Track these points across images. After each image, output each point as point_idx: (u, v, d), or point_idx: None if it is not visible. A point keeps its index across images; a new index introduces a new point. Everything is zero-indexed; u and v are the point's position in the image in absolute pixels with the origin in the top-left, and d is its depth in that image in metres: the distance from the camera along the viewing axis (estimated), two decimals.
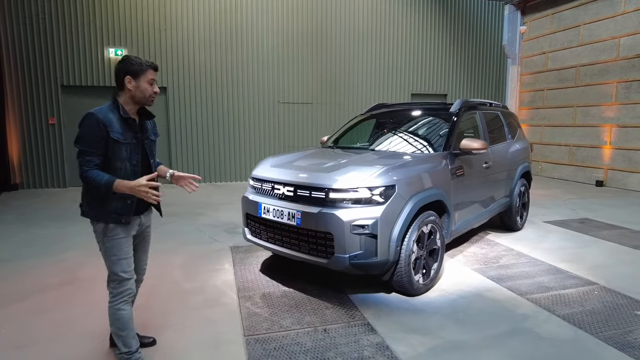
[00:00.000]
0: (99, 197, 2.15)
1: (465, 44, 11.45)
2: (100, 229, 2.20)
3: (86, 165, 2.08)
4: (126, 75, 2.16)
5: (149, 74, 2.21)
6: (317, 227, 3.11)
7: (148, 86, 2.21)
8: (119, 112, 2.17)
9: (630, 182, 8.74)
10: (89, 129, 2.10)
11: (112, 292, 2.26)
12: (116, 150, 2.15)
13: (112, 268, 2.23)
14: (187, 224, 5.87)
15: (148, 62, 2.23)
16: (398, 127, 4.57)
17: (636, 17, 8.57)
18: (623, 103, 8.87)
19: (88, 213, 2.23)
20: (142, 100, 2.23)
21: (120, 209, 2.19)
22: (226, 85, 9.52)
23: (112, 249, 2.21)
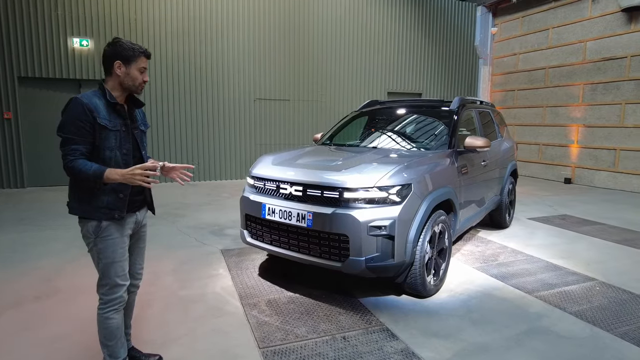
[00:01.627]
0: (88, 190, 1.97)
1: (439, 44, 11.61)
2: (92, 228, 2.00)
3: (71, 154, 1.89)
4: (116, 60, 2.01)
5: (141, 61, 2.07)
6: (331, 228, 2.95)
7: (138, 74, 2.07)
8: (105, 98, 2.01)
9: (596, 180, 9.18)
10: (74, 114, 1.91)
11: (103, 299, 2.07)
12: (104, 138, 1.97)
13: (105, 272, 2.04)
14: (168, 226, 5.52)
15: (141, 48, 2.08)
16: (398, 124, 4.48)
17: (601, 22, 9.00)
18: (589, 104, 9.29)
19: (77, 209, 2.02)
20: (131, 88, 2.08)
21: (113, 204, 2.00)
22: (200, 80, 9.11)
23: (106, 250, 2.02)
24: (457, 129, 4.01)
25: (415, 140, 4.12)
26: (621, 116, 8.63)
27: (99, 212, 1.98)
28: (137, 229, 2.21)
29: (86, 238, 2.04)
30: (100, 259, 2.03)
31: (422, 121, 4.40)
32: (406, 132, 4.30)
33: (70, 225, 5.40)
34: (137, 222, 2.19)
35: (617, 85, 8.68)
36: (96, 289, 2.10)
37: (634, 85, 8.39)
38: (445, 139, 3.93)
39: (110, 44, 2.03)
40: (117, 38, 2.06)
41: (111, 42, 2.04)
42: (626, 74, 8.53)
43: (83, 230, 2.04)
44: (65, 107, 1.95)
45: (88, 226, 2.01)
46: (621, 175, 8.68)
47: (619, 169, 8.71)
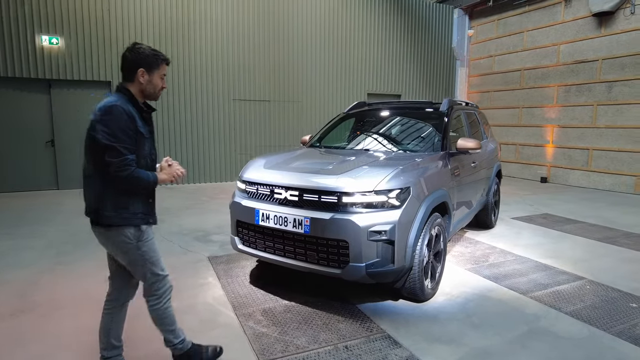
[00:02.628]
0: (124, 198, 2.01)
1: (417, 46, 11.71)
2: (132, 233, 2.04)
3: (131, 164, 1.92)
4: (140, 67, 2.03)
5: (162, 68, 2.11)
6: (330, 234, 2.86)
7: (160, 81, 2.12)
8: (135, 105, 2.04)
9: (571, 178, 9.47)
10: (122, 124, 1.91)
11: (157, 294, 2.18)
12: (141, 145, 2.02)
13: (153, 270, 2.13)
14: None
15: (163, 55, 2.12)
16: (389, 126, 4.44)
17: (574, 26, 9.29)
18: (563, 105, 9.58)
19: (114, 218, 2.00)
20: (152, 95, 2.12)
21: (146, 209, 2.10)
22: (177, 80, 8.83)
23: (149, 252, 2.11)
24: (448, 131, 4.00)
25: (407, 143, 4.08)
26: (593, 117, 8.94)
27: (137, 218, 2.04)
28: None
29: (125, 244, 2.05)
30: (146, 260, 2.10)
31: (413, 123, 4.37)
32: (398, 134, 4.26)
33: (40, 233, 5.10)
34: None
35: (589, 87, 8.98)
36: (145, 291, 2.18)
37: (605, 88, 8.70)
38: (438, 141, 3.91)
39: (131, 49, 2.02)
40: (137, 43, 2.05)
41: (132, 47, 2.03)
42: (597, 77, 8.83)
43: (119, 237, 2.03)
44: (109, 116, 1.90)
45: (126, 232, 2.03)
46: (594, 174, 8.98)
47: (591, 168, 9.01)
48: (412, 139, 4.12)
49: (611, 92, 8.60)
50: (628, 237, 5.21)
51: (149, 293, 2.18)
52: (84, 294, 3.40)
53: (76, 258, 4.26)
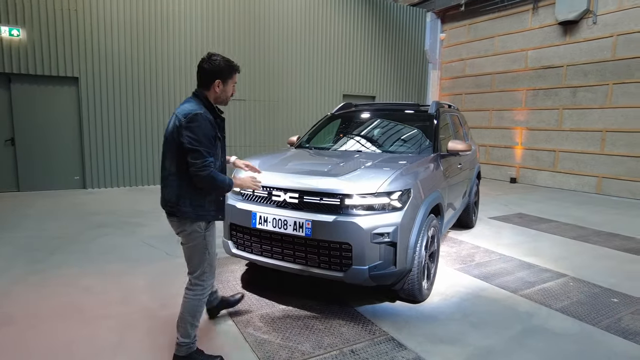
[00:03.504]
0: (202, 197, 2.25)
1: (392, 48, 11.87)
2: (203, 226, 2.30)
3: (211, 166, 2.14)
4: (217, 78, 2.23)
5: (235, 77, 2.33)
6: (333, 237, 2.82)
7: (231, 89, 2.33)
8: (213, 112, 2.24)
9: (539, 179, 9.90)
10: (206, 130, 2.14)
11: (202, 285, 2.37)
12: (218, 149, 2.26)
13: (210, 261, 2.38)
14: (126, 236, 5.05)
15: (235, 64, 2.32)
16: (379, 128, 4.45)
17: (541, 33, 9.71)
18: (531, 108, 10.00)
19: (191, 214, 2.25)
20: (223, 101, 2.34)
21: (217, 207, 2.34)
22: (150, 77, 8.50)
23: (212, 241, 2.38)
24: (439, 133, 4.06)
25: (399, 145, 4.10)
26: (559, 120, 9.38)
27: (210, 214, 2.31)
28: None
29: (194, 235, 2.29)
30: (207, 249, 2.34)
31: (403, 125, 4.40)
32: (389, 136, 4.28)
33: (7, 239, 4.75)
34: None
35: (556, 91, 9.42)
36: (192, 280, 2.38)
37: (570, 92, 9.16)
38: (429, 143, 3.96)
39: (207, 61, 2.21)
40: (213, 54, 2.24)
41: (208, 59, 2.22)
42: (563, 82, 9.28)
43: (190, 229, 2.27)
44: (194, 122, 2.11)
45: (197, 225, 2.28)
46: (560, 175, 9.43)
47: (558, 169, 9.46)
48: (404, 141, 4.15)
49: (575, 97, 9.06)
50: (598, 235, 5.49)
51: (196, 282, 2.36)
52: (64, 304, 3.19)
53: (50, 265, 4.00)
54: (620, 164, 8.36)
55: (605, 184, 8.62)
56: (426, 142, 3.98)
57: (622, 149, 8.33)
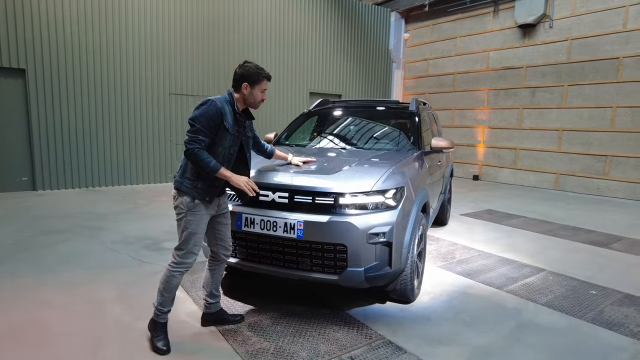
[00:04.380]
0: (195, 172, 2.42)
1: (357, 47, 11.87)
2: (185, 202, 2.43)
3: (198, 143, 2.34)
4: (244, 82, 2.48)
5: (263, 84, 2.53)
6: (327, 238, 2.67)
7: (260, 94, 2.53)
8: (233, 107, 2.47)
9: (500, 176, 10.26)
10: (209, 113, 2.36)
11: (176, 259, 2.48)
12: (223, 137, 2.43)
13: (186, 239, 2.46)
14: (88, 241, 4.64)
15: (264, 72, 2.52)
16: (360, 125, 4.34)
17: (501, 35, 10.06)
18: (493, 108, 10.34)
19: (179, 183, 2.46)
20: (251, 104, 2.56)
21: (207, 188, 2.45)
22: (106, 70, 7.92)
23: (192, 222, 2.45)
24: (421, 130, 4.02)
25: (382, 142, 4.02)
26: (519, 119, 9.76)
27: (195, 191, 2.42)
28: (220, 210, 2.65)
29: (179, 209, 2.46)
30: (186, 228, 2.45)
31: (385, 122, 4.33)
32: (371, 133, 4.18)
33: None
34: (219, 205, 2.62)
35: (516, 92, 9.79)
36: (173, 250, 2.51)
37: (529, 93, 9.55)
38: (413, 140, 3.91)
39: (241, 66, 2.50)
40: (247, 62, 2.52)
41: (242, 64, 2.51)
42: (522, 83, 9.67)
43: (177, 201, 2.46)
44: (202, 104, 2.39)
45: (183, 200, 2.44)
46: (520, 172, 9.82)
47: (518, 166, 9.85)
48: (387, 138, 4.07)
49: (534, 97, 9.46)
50: (564, 229, 5.71)
51: (174, 255, 2.50)
52: (19, 322, 2.82)
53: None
54: (575, 161, 8.82)
55: (562, 180, 9.07)
56: (410, 140, 3.93)
57: (577, 147, 8.79)
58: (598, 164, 8.49)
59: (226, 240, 2.72)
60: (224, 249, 2.73)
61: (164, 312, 2.54)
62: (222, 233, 2.69)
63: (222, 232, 2.69)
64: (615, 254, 4.65)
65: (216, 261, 2.76)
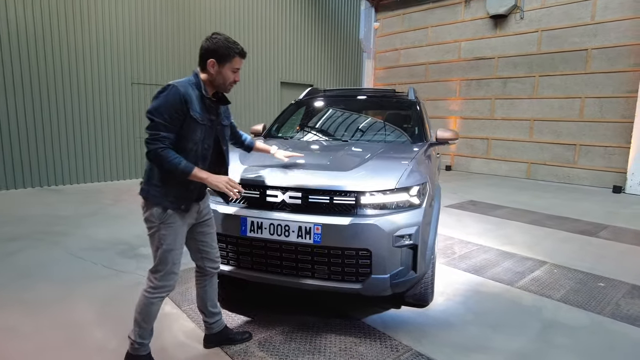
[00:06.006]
0: (162, 177, 2.01)
1: (328, 37, 11.54)
2: (157, 213, 2.02)
3: (162, 141, 1.92)
4: (210, 58, 2.03)
5: (235, 62, 2.07)
6: (349, 243, 2.38)
7: (231, 74, 2.09)
8: (200, 90, 2.04)
9: (473, 166, 10.38)
10: (170, 102, 1.93)
11: (154, 284, 2.09)
12: (192, 130, 2.01)
13: (163, 258, 2.06)
14: (50, 249, 4.08)
15: (238, 48, 2.06)
16: (360, 116, 4.05)
17: (473, 26, 10.10)
18: (465, 98, 10.40)
19: (146, 192, 2.04)
20: (220, 86, 2.11)
21: (181, 194, 2.05)
22: (61, 56, 7.09)
23: (167, 237, 2.05)
24: (424, 120, 3.80)
25: (385, 133, 3.76)
26: (491, 109, 9.88)
27: (167, 201, 2.01)
28: (200, 217, 2.23)
29: (149, 222, 2.05)
30: (160, 244, 2.04)
31: (384, 112, 4.07)
32: (372, 124, 3.91)
33: None
34: (199, 211, 2.21)
35: (488, 82, 9.88)
36: (148, 273, 2.11)
37: (501, 83, 9.66)
38: (418, 131, 3.68)
39: (207, 38, 2.03)
40: (216, 33, 2.03)
41: (209, 36, 2.03)
42: (494, 73, 9.76)
43: (146, 214, 2.05)
44: (161, 92, 1.94)
45: (153, 211, 2.02)
46: (493, 162, 9.97)
47: (491, 156, 9.99)
48: (390, 129, 3.81)
49: (506, 87, 9.58)
50: (550, 219, 5.76)
51: (149, 278, 2.11)
52: None
53: None
54: (546, 151, 9.04)
55: (533, 169, 9.28)
56: (415, 130, 3.69)
57: (547, 136, 9.00)
58: (567, 153, 8.74)
59: (212, 252, 2.34)
60: (211, 261, 2.35)
61: (144, 344, 2.16)
62: (207, 244, 2.30)
63: (206, 242, 2.30)
64: (605, 243, 4.70)
65: (204, 276, 2.37)
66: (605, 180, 8.22)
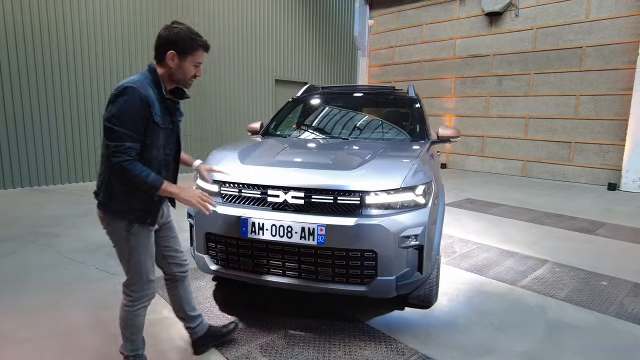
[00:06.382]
0: (125, 191, 1.85)
1: (322, 34, 11.46)
2: (121, 228, 1.89)
3: (127, 154, 1.73)
4: (170, 49, 1.82)
5: (198, 55, 1.88)
6: (354, 244, 2.31)
7: (192, 68, 1.89)
8: (160, 90, 1.85)
9: (468, 164, 10.37)
10: (131, 107, 1.73)
11: (133, 296, 1.99)
12: (154, 135, 1.83)
13: (137, 269, 1.96)
14: (42, 251, 3.96)
15: (201, 40, 1.87)
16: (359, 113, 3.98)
17: (468, 23, 10.07)
18: (460, 96, 10.38)
19: (109, 207, 1.88)
20: (180, 81, 1.92)
21: (146, 207, 1.90)
22: (50, 49, 6.91)
23: (136, 248, 1.93)
24: (425, 118, 3.74)
25: (385, 131, 3.69)
26: (487, 107, 9.87)
27: (132, 215, 1.88)
28: (164, 220, 2.12)
29: (114, 236, 1.93)
30: (131, 256, 1.93)
31: (383, 109, 4.01)
32: (371, 122, 3.84)
33: None
34: (162, 215, 2.07)
35: (483, 80, 9.87)
36: (123, 287, 2.01)
37: (496, 81, 9.66)
38: (419, 129, 3.62)
39: (166, 27, 1.83)
40: (177, 22, 1.85)
41: (168, 25, 1.83)
42: (490, 71, 9.75)
43: (108, 228, 1.93)
44: (119, 96, 1.73)
45: (116, 226, 1.90)
46: (488, 159, 9.97)
47: (486, 153, 9.99)
48: (390, 127, 3.75)
49: (501, 85, 9.58)
50: (548, 216, 5.74)
51: (125, 292, 2.00)
52: None
53: None
54: (542, 148, 9.06)
55: (529, 167, 9.29)
56: (416, 128, 3.64)
57: (543, 134, 9.01)
58: (563, 151, 8.76)
59: (178, 256, 2.23)
60: (178, 265, 2.23)
61: (139, 355, 2.09)
62: (171, 248, 2.18)
63: (171, 247, 2.17)
64: (604, 241, 4.69)
65: (175, 282, 2.25)
66: (600, 177, 8.25)
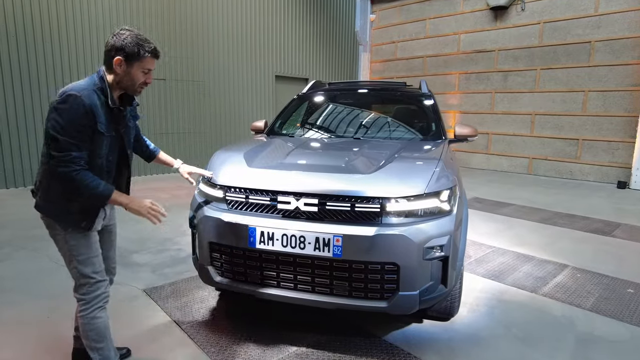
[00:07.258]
0: (62, 194, 1.79)
1: (323, 29, 11.20)
2: (60, 228, 1.83)
3: (75, 163, 1.68)
4: (117, 55, 1.75)
5: (147, 62, 1.82)
6: (374, 256, 2.11)
7: (141, 75, 1.83)
8: (106, 98, 1.78)
9: (473, 161, 10.18)
10: (74, 116, 1.66)
11: (84, 299, 1.90)
12: (97, 144, 1.78)
13: (82, 270, 1.87)
14: (33, 257, 3.75)
15: (150, 46, 1.81)
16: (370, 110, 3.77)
17: (472, 18, 9.84)
18: (464, 92, 10.17)
19: (45, 210, 1.83)
20: (129, 88, 1.85)
21: (84, 210, 1.83)
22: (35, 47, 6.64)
23: (79, 247, 1.86)
24: (441, 115, 3.53)
25: (400, 130, 3.48)
26: (492, 104, 9.67)
27: (67, 218, 1.82)
28: (107, 222, 2.05)
29: (55, 239, 1.87)
30: (73, 257, 1.86)
31: (395, 106, 3.79)
32: (384, 120, 3.63)
33: None
34: (105, 217, 2.00)
35: (488, 75, 9.66)
36: (73, 291, 1.93)
37: (502, 77, 9.45)
38: (435, 127, 3.41)
39: (114, 33, 1.77)
40: (125, 29, 1.78)
41: (116, 31, 1.78)
42: (495, 66, 9.54)
43: (50, 229, 1.87)
44: (62, 104, 1.67)
45: (56, 226, 1.84)
46: (493, 157, 9.78)
47: (491, 151, 9.79)
48: (405, 126, 3.53)
49: (507, 81, 9.37)
50: (561, 217, 5.55)
51: (76, 297, 1.92)
52: None
53: None
54: (548, 146, 8.87)
55: (535, 164, 9.11)
56: (432, 127, 3.43)
57: (549, 131, 8.82)
58: (570, 148, 8.57)
59: (108, 262, 2.10)
60: (109, 272, 2.11)
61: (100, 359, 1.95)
62: (105, 254, 2.06)
63: (105, 252, 2.06)
64: (622, 243, 4.50)
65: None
66: (609, 175, 8.07)
